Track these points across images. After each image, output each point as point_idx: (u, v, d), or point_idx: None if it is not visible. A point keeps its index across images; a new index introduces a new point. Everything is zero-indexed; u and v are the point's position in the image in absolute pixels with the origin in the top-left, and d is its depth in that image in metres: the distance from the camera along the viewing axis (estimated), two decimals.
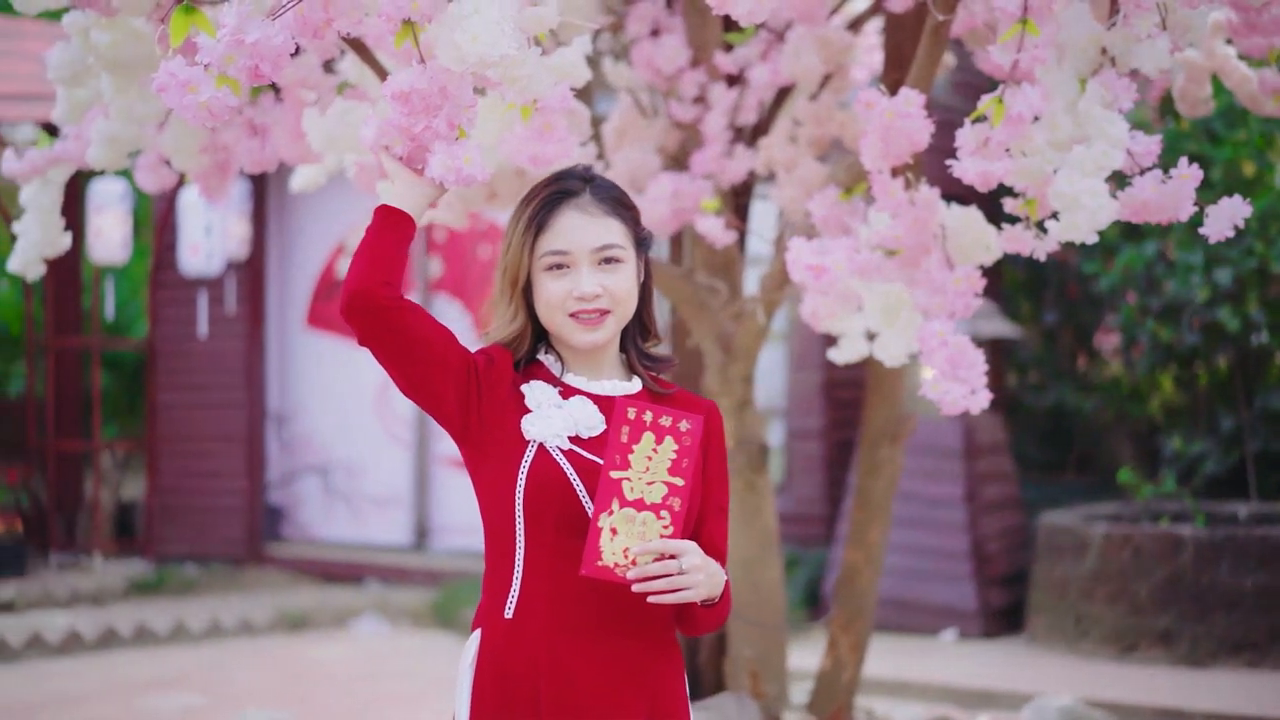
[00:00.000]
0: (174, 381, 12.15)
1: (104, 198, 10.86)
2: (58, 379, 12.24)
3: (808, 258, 3.84)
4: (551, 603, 2.75)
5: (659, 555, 2.64)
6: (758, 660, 5.13)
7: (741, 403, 4.99)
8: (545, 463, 2.77)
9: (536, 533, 2.76)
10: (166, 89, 2.81)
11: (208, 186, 4.79)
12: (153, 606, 10.57)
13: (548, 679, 2.74)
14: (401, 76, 2.88)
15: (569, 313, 2.82)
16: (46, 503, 11.96)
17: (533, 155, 3.41)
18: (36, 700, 8.25)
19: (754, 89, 4.91)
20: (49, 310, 12.23)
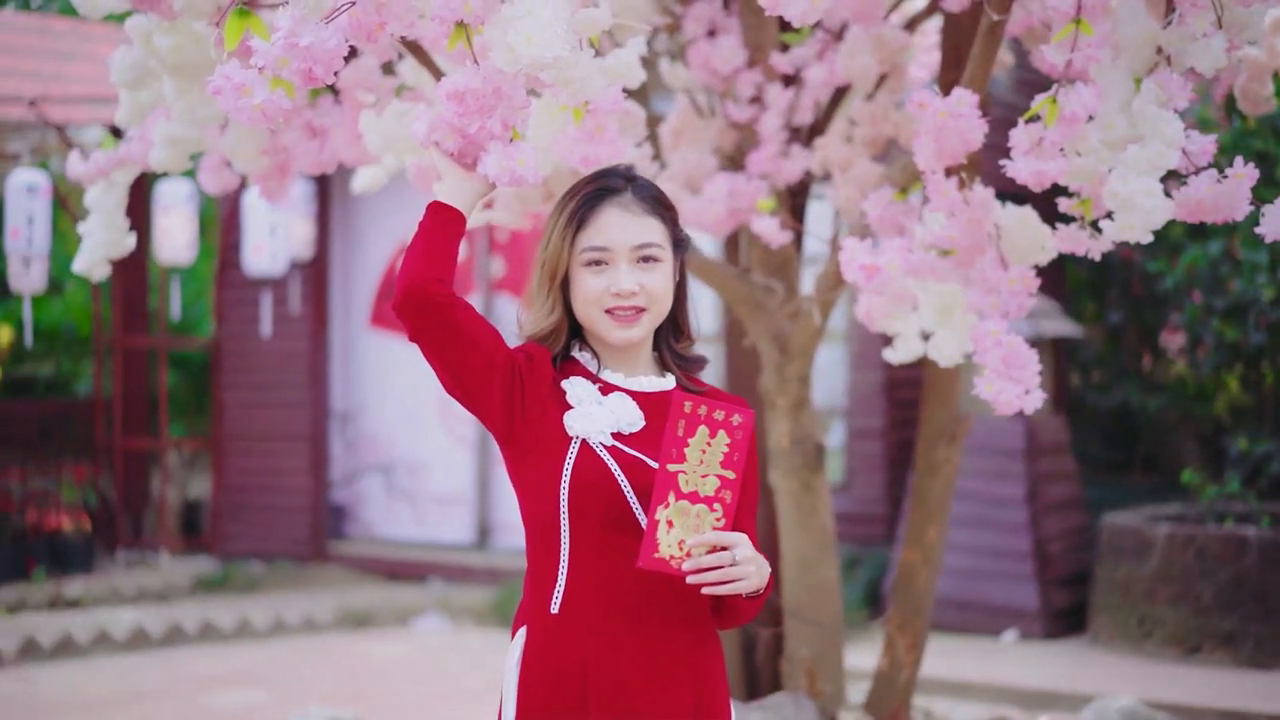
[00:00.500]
0: (239, 381, 12.26)
1: (170, 199, 10.95)
2: (125, 378, 12.38)
3: (861, 258, 3.84)
4: (598, 597, 2.78)
5: (712, 547, 2.66)
6: (814, 660, 5.13)
7: (798, 402, 4.99)
8: (590, 459, 2.80)
9: (581, 528, 2.78)
10: (221, 92, 2.85)
11: (268, 188, 4.84)
12: (218, 604, 10.67)
13: (596, 673, 2.77)
14: (456, 76, 2.90)
15: (605, 309, 2.87)
16: (114, 501, 12.10)
17: (584, 157, 3.42)
18: (103, 696, 8.35)
19: (810, 89, 4.91)
20: (116, 310, 12.37)
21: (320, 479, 12.07)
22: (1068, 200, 3.69)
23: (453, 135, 2.89)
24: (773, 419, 5.04)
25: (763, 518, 5.37)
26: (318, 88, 4.78)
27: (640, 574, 2.72)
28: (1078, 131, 3.51)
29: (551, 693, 2.78)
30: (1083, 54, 3.49)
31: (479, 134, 2.87)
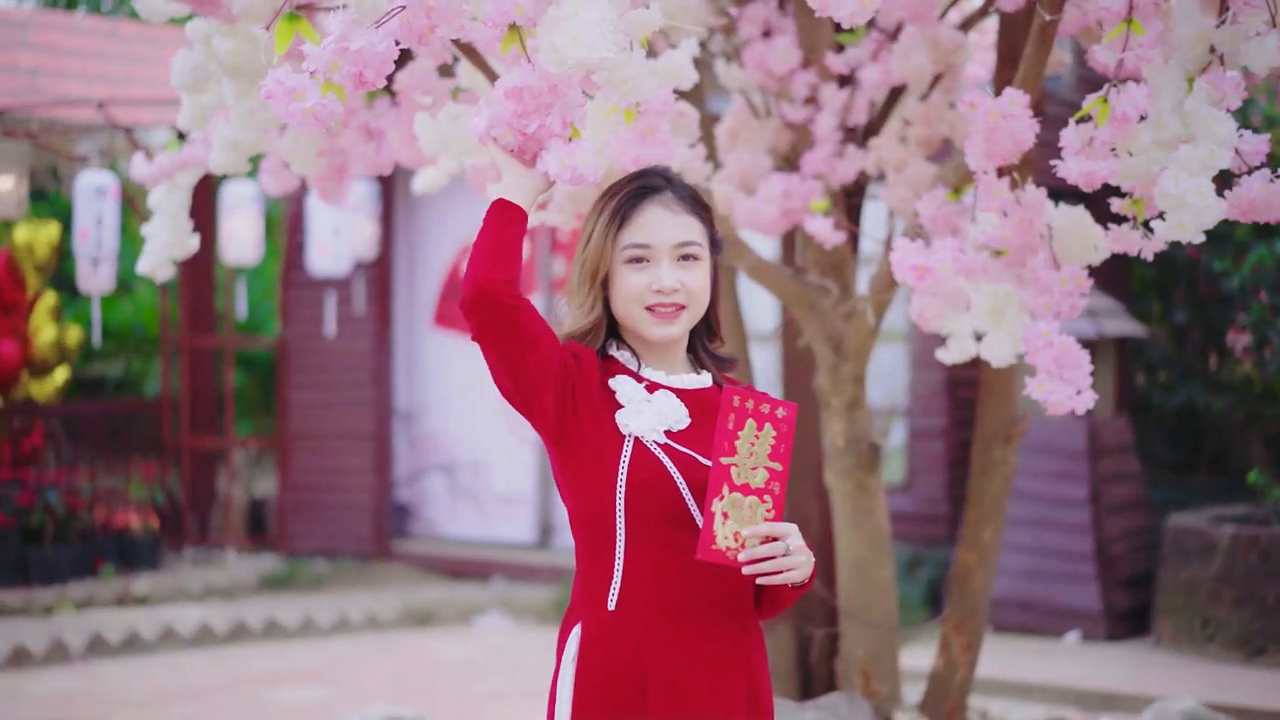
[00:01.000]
0: (304, 380, 12.37)
1: (236, 200, 11.06)
2: (192, 378, 12.51)
3: (912, 258, 3.84)
4: (654, 592, 2.82)
5: (764, 538, 2.71)
6: (869, 660, 5.13)
7: (852, 402, 4.99)
8: (645, 456, 2.84)
9: (637, 525, 2.82)
10: (274, 96, 2.89)
11: (325, 190, 4.88)
12: (282, 601, 10.77)
13: (655, 668, 2.80)
14: (513, 74, 2.93)
15: (646, 305, 2.90)
16: (182, 499, 12.23)
17: (636, 157, 3.44)
18: (169, 691, 8.45)
19: (864, 89, 4.91)
20: (184, 311, 12.51)
21: (384, 478, 12.15)
22: (1120, 200, 3.68)
23: (511, 132, 2.92)
24: (828, 419, 5.04)
25: (817, 517, 5.38)
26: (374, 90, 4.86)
27: (693, 568, 2.78)
28: (1129, 131, 3.50)
29: (610, 688, 2.82)
30: (1134, 53, 3.49)
31: (539, 132, 2.90)
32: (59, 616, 10.14)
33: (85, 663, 9.13)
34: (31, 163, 12.51)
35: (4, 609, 10.17)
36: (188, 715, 7.93)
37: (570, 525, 2.94)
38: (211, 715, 7.93)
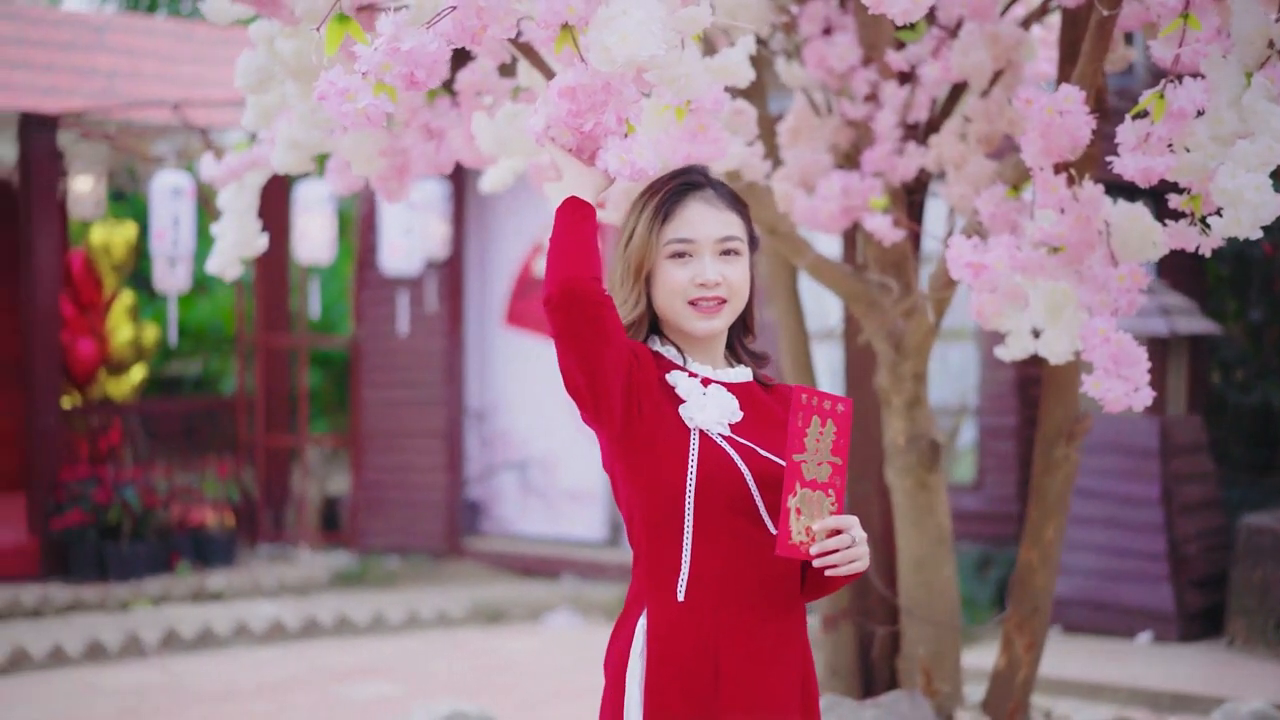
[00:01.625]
0: (377, 379, 12.46)
1: (309, 200, 11.16)
2: (267, 376, 12.64)
3: (968, 255, 3.84)
4: (721, 582, 2.88)
5: (832, 530, 2.82)
6: (930, 659, 5.12)
7: (913, 400, 4.98)
8: (713, 449, 2.90)
9: (706, 516, 2.88)
10: (327, 97, 2.92)
11: (386, 189, 4.91)
12: (354, 597, 10.86)
13: (726, 654, 2.87)
14: (567, 74, 2.96)
15: (689, 300, 2.96)
16: (256, 496, 12.35)
17: (688, 155, 3.47)
18: (241, 686, 8.55)
19: (925, 86, 4.90)
20: (259, 310, 12.63)
21: (456, 475, 12.22)
22: (1178, 196, 3.66)
23: (569, 132, 2.95)
24: (888, 417, 5.04)
25: (878, 516, 5.37)
26: (434, 90, 4.90)
27: (755, 557, 2.89)
28: (1186, 127, 3.48)
29: (683, 678, 2.87)
30: (1191, 48, 3.47)
31: (596, 130, 2.93)
32: (135, 612, 10.28)
33: (159, 657, 9.25)
34: (110, 164, 12.68)
35: (82, 604, 10.32)
36: (259, 710, 8.02)
37: (628, 520, 2.98)
38: (283, 710, 8.02)
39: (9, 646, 8.92)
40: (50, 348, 11.17)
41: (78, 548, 10.85)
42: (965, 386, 10.25)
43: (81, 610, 10.27)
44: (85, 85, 11.39)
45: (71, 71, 11.43)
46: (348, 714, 7.86)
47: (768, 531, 2.91)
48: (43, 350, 11.12)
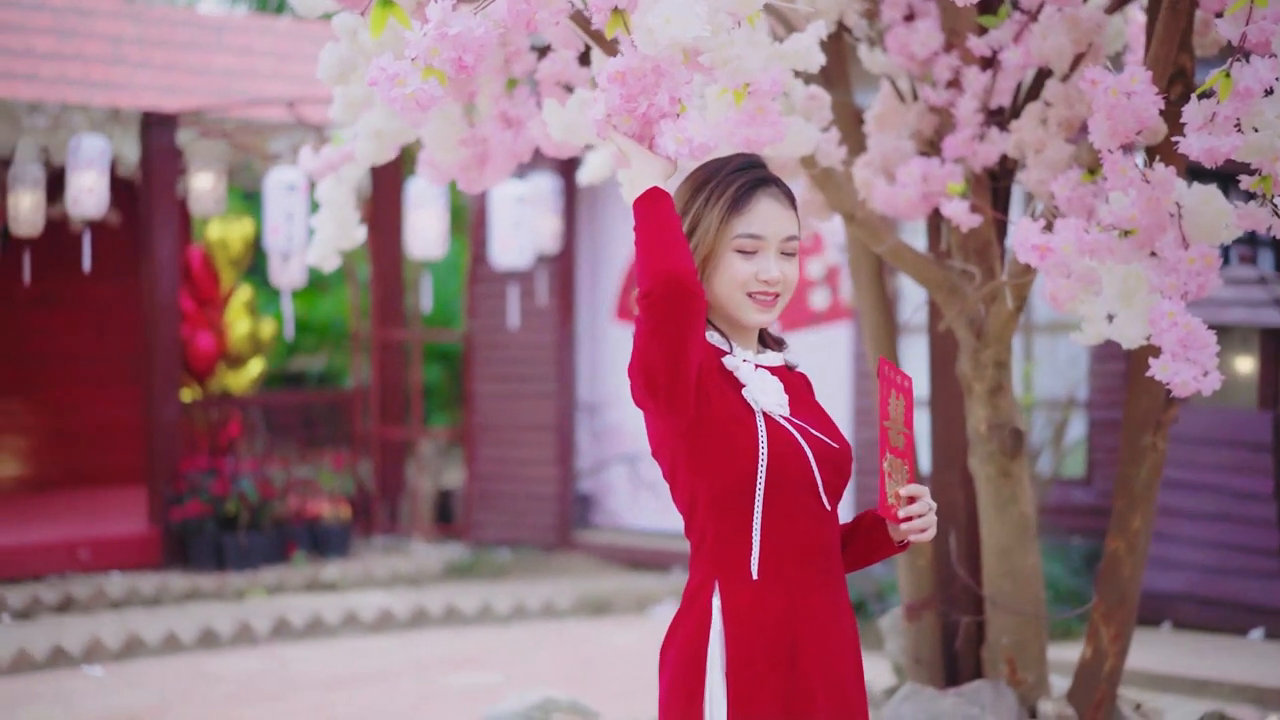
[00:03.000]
0: (489, 372, 12.57)
1: (421, 195, 11.28)
2: (383, 370, 12.79)
3: (1034, 238, 3.81)
4: (792, 558, 2.96)
5: (910, 497, 2.98)
6: (1015, 648, 5.09)
7: (995, 388, 4.94)
8: (778, 429, 2.98)
9: (775, 494, 2.95)
10: (377, 82, 2.98)
11: (467, 178, 4.98)
12: (465, 589, 10.96)
13: (804, 628, 2.94)
14: (616, 59, 2.99)
15: (748, 292, 3.02)
16: (372, 489, 12.52)
17: (746, 139, 3.48)
18: (346, 674, 8.67)
19: (1007, 71, 4.86)
20: (374, 305, 12.80)
21: (567, 469, 12.30)
22: (1250, 177, 3.61)
23: (628, 118, 2.98)
24: (970, 404, 5.01)
25: (962, 504, 5.34)
26: (514, 79, 4.95)
27: (818, 534, 3.00)
28: (1253, 105, 3.44)
29: (765, 653, 2.92)
30: (1258, 26, 3.42)
31: (650, 112, 2.96)
32: (249, 601, 10.46)
33: (269, 645, 9.41)
34: (229, 162, 12.91)
35: (198, 593, 10.52)
36: (362, 696, 8.13)
37: (690, 506, 3.02)
38: (385, 696, 8.13)
39: (125, 633, 9.13)
40: (170, 342, 11.40)
41: (196, 538, 11.07)
42: (1075, 380, 10.12)
43: (198, 599, 10.47)
44: (204, 84, 11.61)
45: (191, 71, 11.66)
46: (447, 702, 7.95)
47: (825, 507, 3.01)
48: (163, 345, 11.36)
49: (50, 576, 10.67)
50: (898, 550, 3.13)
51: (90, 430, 14.05)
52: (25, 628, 9.53)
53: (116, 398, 13.99)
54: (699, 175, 3.07)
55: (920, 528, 2.99)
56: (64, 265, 12.24)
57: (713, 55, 3.15)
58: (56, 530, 11.25)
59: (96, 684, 8.46)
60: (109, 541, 11.05)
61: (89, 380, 14.09)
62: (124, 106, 11.11)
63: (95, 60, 11.20)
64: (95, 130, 11.31)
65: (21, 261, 11.92)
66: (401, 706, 7.91)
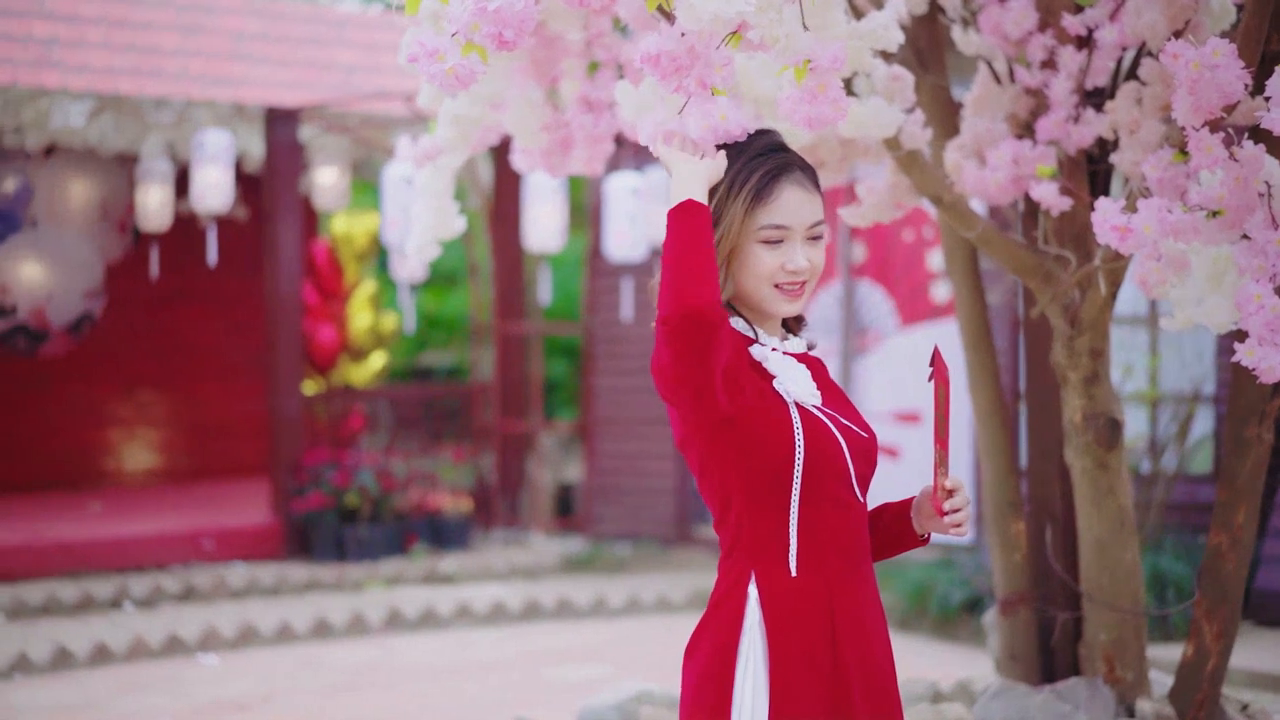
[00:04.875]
0: (607, 366, 12.54)
1: (540, 188, 11.28)
2: (504, 364, 12.82)
3: (1114, 218, 3.68)
4: (829, 550, 2.89)
5: (950, 490, 2.93)
6: (1113, 645, 4.93)
7: (1090, 377, 4.80)
8: (813, 420, 2.89)
9: (812, 485, 2.87)
10: (416, 58, 2.93)
11: (549, 163, 4.93)
12: (580, 582, 10.94)
13: (841, 619, 2.87)
14: (650, 40, 2.92)
15: (775, 283, 2.92)
16: (493, 482, 12.55)
17: (806, 117, 3.37)
18: (455, 665, 8.69)
19: (1103, 50, 4.72)
20: (495, 299, 12.83)
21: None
22: None
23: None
24: (1065, 395, 4.87)
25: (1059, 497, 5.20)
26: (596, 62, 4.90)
27: (851, 525, 2.92)
28: None
29: (807, 647, 2.85)
30: None
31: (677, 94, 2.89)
32: (366, 592, 10.53)
33: (382, 636, 9.46)
34: (353, 156, 13.01)
35: (317, 584, 10.61)
36: (469, 687, 8.14)
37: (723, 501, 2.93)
38: (491, 687, 8.12)
39: (241, 623, 9.22)
40: (292, 336, 11.51)
41: (317, 530, 11.17)
42: (1201, 374, 9.86)
43: (316, 590, 10.56)
44: (326, 79, 11.71)
45: (313, 66, 11.77)
46: (551, 693, 7.92)
47: (857, 498, 2.94)
48: (285, 338, 11.48)
49: (174, 566, 10.82)
50: (920, 544, 3.06)
51: (218, 423, 14.26)
52: (146, 616, 9.67)
53: (244, 391, 14.18)
54: (730, 164, 2.96)
55: (957, 522, 2.93)
56: (193, 260, 12.42)
57: (762, 32, 3.06)
58: (182, 521, 11.43)
59: (209, 672, 8.55)
60: (233, 532, 11.20)
61: (217, 374, 14.30)
62: (247, 102, 11.24)
63: (219, 56, 11.34)
64: (219, 126, 11.44)
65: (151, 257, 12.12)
66: (506, 697, 7.90)
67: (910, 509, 3.07)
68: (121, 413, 13.90)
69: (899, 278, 11.07)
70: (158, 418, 14.07)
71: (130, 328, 13.72)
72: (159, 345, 14.00)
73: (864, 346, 11.06)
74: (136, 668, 8.58)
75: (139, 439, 13.96)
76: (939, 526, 2.98)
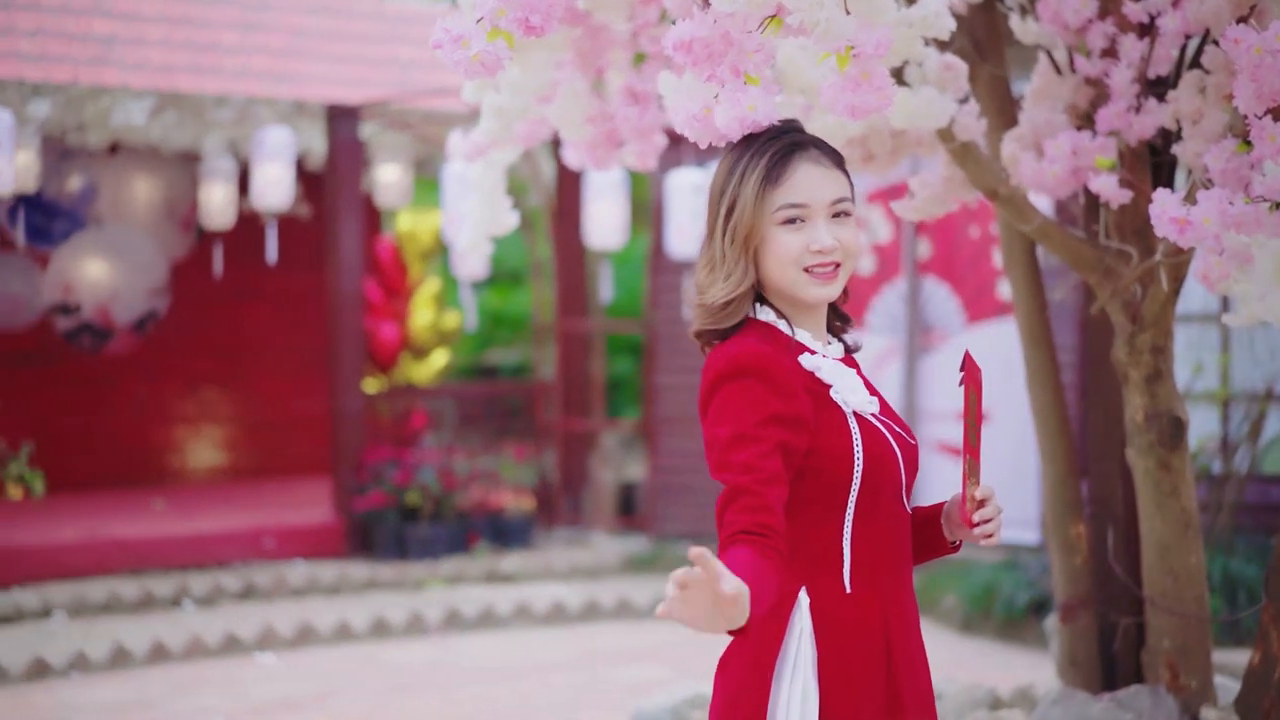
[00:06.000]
0: (670, 364, 12.42)
1: (601, 185, 11.20)
2: (566, 362, 12.74)
3: (1173, 210, 3.55)
4: (881, 565, 2.79)
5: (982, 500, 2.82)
6: (1176, 652, 4.79)
7: (1152, 374, 4.66)
8: (872, 431, 2.78)
9: (868, 500, 2.76)
10: (441, 44, 2.85)
11: (595, 156, 4.84)
12: (643, 582, 10.84)
13: (895, 633, 2.77)
14: (683, 25, 2.83)
15: (804, 267, 2.78)
16: (555, 480, 12.47)
17: (849, 106, 3.26)
18: (512, 666, 8.62)
19: (1165, 38, 4.57)
20: (557, 296, 12.76)
21: None
22: None
23: None
24: (1127, 393, 4.73)
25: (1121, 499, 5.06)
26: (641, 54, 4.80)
27: (900, 536, 2.82)
28: None
29: (860, 662, 2.77)
30: None
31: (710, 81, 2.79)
32: (428, 591, 10.48)
33: (440, 636, 9.39)
34: (415, 154, 12.98)
35: (378, 583, 10.57)
36: (524, 688, 8.06)
37: None
38: (548, 688, 8.04)
39: (299, 621, 9.18)
40: (354, 334, 11.48)
41: (379, 528, 11.13)
42: (1274, 371, 9.64)
43: (377, 589, 10.51)
44: (387, 76, 11.67)
45: (374, 62, 11.73)
46: (609, 695, 7.84)
47: (905, 509, 2.85)
48: (346, 336, 11.45)
49: (235, 564, 10.82)
50: (951, 551, 2.97)
51: (282, 420, 14.26)
52: (205, 614, 9.66)
53: (307, 389, 14.17)
54: (734, 151, 2.86)
55: (988, 533, 2.83)
56: (257, 258, 12.42)
57: (801, 16, 2.95)
58: (244, 519, 11.43)
59: (266, 671, 8.51)
60: (294, 531, 11.18)
61: (282, 372, 14.30)
62: (308, 99, 11.21)
63: (279, 53, 11.32)
64: (280, 123, 11.42)
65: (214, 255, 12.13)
66: (564, 699, 7.82)
67: (941, 515, 2.97)
68: (185, 410, 13.93)
69: (965, 274, 10.89)
70: (221, 415, 14.09)
71: (194, 326, 13.75)
72: (223, 343, 14.02)
73: (929, 345, 10.89)
74: (193, 667, 8.56)
75: (203, 437, 13.99)
76: (969, 536, 2.88)
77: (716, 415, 2.79)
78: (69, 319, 12.69)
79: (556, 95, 4.71)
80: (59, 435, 12.90)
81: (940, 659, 8.13)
